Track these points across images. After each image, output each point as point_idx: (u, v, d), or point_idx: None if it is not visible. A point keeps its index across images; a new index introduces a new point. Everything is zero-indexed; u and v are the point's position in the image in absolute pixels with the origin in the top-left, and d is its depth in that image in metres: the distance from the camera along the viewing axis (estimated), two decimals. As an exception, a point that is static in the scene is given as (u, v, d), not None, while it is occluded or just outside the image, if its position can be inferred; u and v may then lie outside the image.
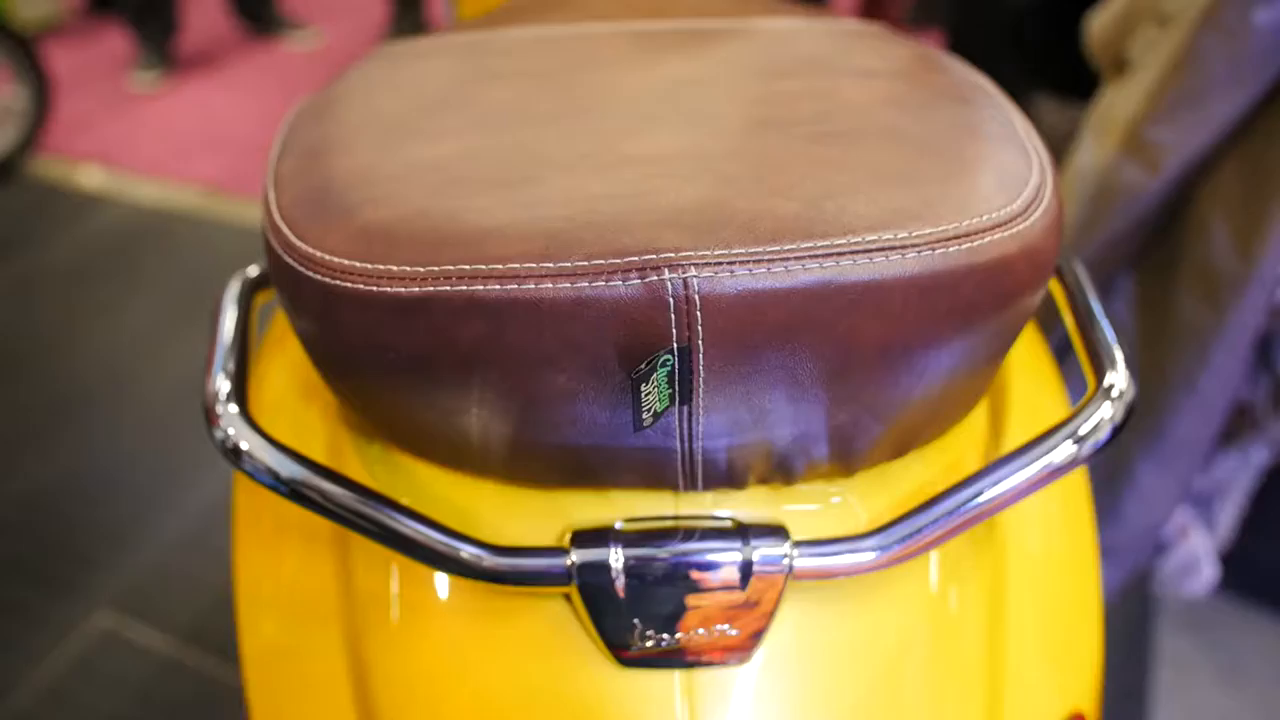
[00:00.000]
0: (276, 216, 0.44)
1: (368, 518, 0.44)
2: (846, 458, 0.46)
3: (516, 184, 0.42)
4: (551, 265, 0.37)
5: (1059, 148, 1.67)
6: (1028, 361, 0.61)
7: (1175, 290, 1.02)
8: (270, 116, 2.71)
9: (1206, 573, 1.08)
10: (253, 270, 0.58)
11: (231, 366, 0.49)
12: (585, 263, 0.37)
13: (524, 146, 0.46)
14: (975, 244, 0.39)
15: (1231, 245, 0.97)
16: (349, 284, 0.39)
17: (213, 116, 2.74)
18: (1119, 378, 0.48)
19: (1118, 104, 1.04)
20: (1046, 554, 0.55)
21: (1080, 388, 0.52)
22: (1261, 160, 0.95)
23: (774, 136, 0.45)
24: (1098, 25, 1.15)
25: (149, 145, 2.60)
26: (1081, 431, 0.46)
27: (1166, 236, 1.05)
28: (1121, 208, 1.02)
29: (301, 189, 0.45)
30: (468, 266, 0.38)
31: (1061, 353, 0.83)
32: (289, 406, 0.57)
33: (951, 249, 0.39)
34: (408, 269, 0.38)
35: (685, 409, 0.40)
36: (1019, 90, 1.74)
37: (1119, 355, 0.50)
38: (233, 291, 0.56)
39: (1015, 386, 0.58)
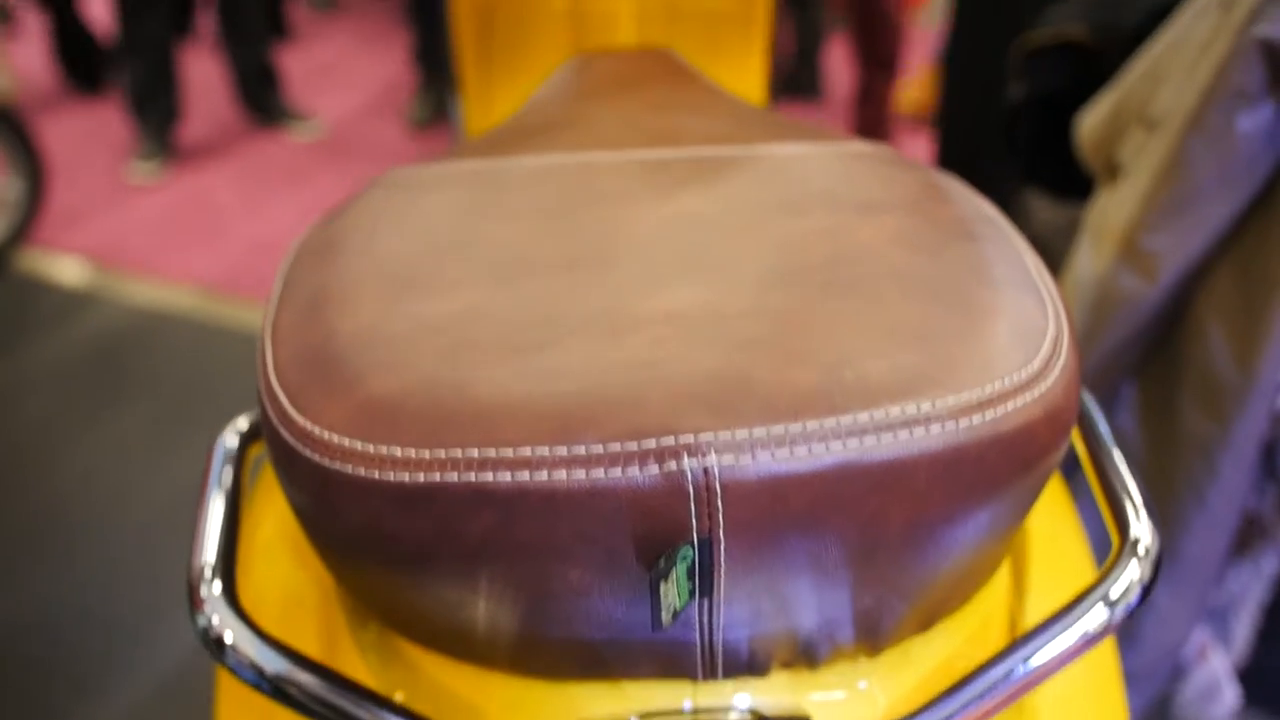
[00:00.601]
0: (272, 378, 0.42)
1: None
2: (871, 638, 0.44)
3: (527, 350, 0.40)
4: (565, 451, 0.35)
5: (1052, 244, 1.68)
6: (1044, 504, 0.59)
7: (1178, 400, 1.01)
8: (270, 211, 2.71)
9: (1228, 696, 1.05)
10: (243, 422, 0.55)
11: (218, 541, 0.47)
12: (600, 448, 0.35)
13: (535, 302, 0.44)
14: (999, 412, 0.38)
15: (1230, 353, 0.97)
16: (348, 468, 0.37)
17: (211, 210, 2.73)
18: (1144, 531, 0.47)
19: (1111, 210, 1.04)
20: (1072, 699, 0.53)
21: (1090, 508, 0.50)
22: (1253, 265, 0.95)
23: (789, 289, 0.44)
24: (1087, 127, 1.16)
25: (143, 239, 2.58)
26: (1112, 596, 0.45)
27: (1167, 344, 1.04)
28: (1122, 317, 1.01)
29: (300, 347, 0.43)
30: (476, 453, 0.36)
31: (1067, 468, 0.82)
32: (280, 574, 0.54)
33: (975, 419, 0.38)
34: (412, 454, 0.36)
35: (705, 601, 0.38)
36: (1012, 188, 1.76)
37: (1141, 505, 0.48)
38: (223, 447, 0.53)
39: (1034, 535, 0.56)
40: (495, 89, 1.15)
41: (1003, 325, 0.42)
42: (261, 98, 3.15)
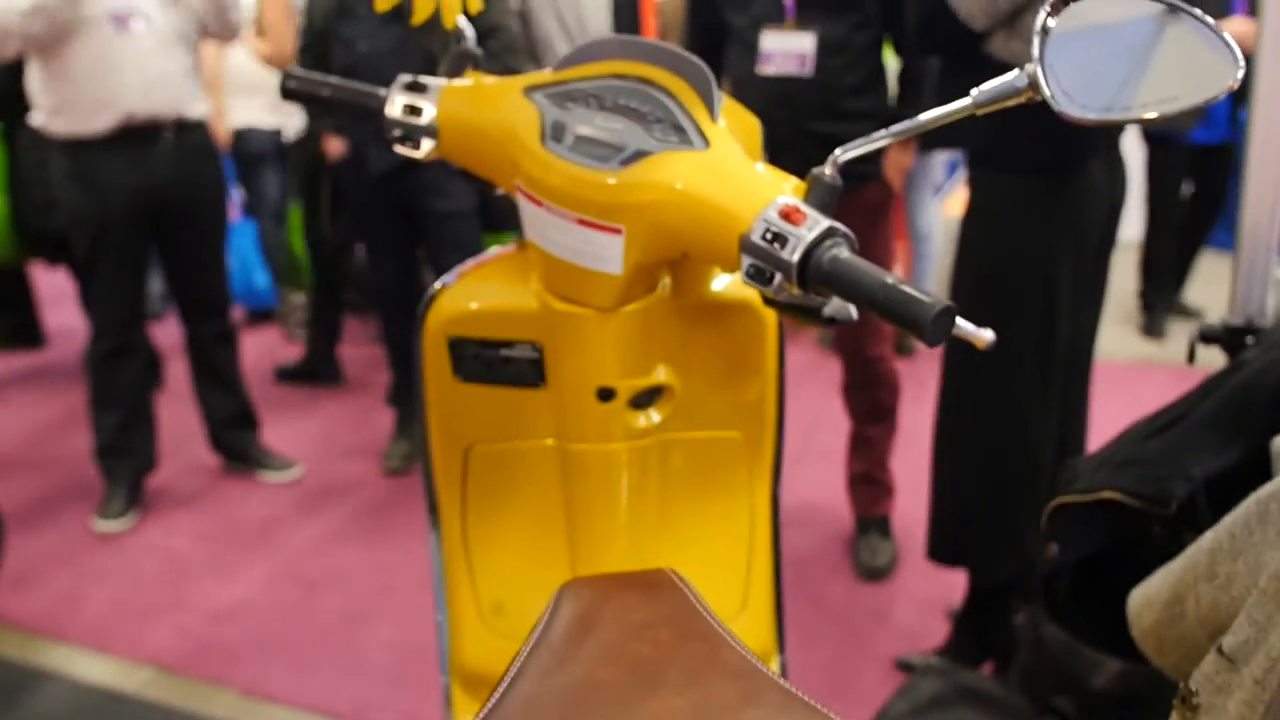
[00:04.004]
0: None
1: None
2: None
3: None
4: None
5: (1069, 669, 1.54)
6: None
7: None
8: (237, 573, 2.54)
9: None
10: None
11: None
12: None
13: None
14: None
15: None
16: None
17: (176, 570, 2.57)
18: None
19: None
20: None
21: None
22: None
23: None
24: (1142, 614, 1.05)
25: (101, 605, 2.41)
26: None
27: None
28: None
29: None
30: None
31: None
32: None
33: None
34: None
35: None
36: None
37: None
38: None
39: None
40: (471, 528, 1.09)
41: None
42: (237, 444, 3.02)
